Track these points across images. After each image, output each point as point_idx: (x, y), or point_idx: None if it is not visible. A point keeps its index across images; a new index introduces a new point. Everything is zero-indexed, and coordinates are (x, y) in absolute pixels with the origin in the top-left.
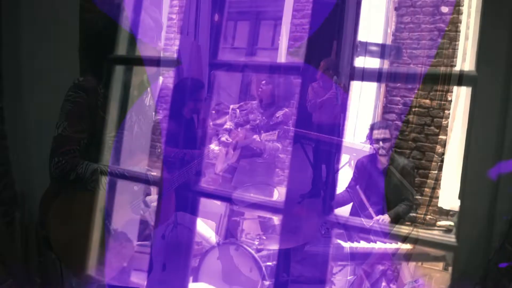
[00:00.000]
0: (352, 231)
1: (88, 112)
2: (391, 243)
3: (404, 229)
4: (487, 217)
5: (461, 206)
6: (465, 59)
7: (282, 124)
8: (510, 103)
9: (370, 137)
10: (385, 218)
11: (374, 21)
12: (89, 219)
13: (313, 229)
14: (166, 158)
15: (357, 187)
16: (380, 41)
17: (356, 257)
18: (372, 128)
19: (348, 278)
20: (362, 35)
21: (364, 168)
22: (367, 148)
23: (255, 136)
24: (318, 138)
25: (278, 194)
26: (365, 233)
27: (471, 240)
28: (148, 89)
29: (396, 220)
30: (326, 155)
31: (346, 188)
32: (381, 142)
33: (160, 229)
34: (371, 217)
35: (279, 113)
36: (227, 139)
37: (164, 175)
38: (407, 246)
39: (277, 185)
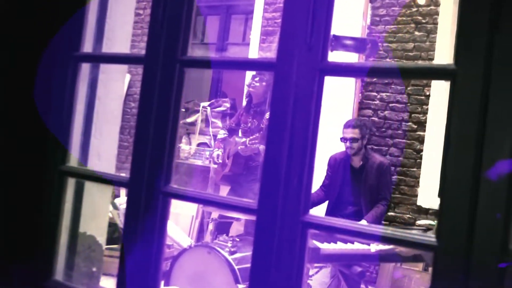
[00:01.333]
0: (328, 232)
1: None
2: (369, 243)
3: (382, 229)
4: (468, 215)
5: (440, 205)
6: (443, 52)
7: None
8: (491, 97)
9: (344, 140)
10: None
11: (348, 14)
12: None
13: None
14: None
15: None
16: (354, 34)
17: (333, 258)
18: (343, 126)
19: (325, 280)
20: (336, 29)
21: (337, 166)
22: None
23: (244, 140)
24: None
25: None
26: (342, 233)
27: (451, 240)
28: (116, 88)
29: (374, 223)
30: (301, 154)
31: (321, 186)
32: (348, 142)
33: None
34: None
35: (268, 114)
36: (218, 157)
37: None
38: (385, 247)
39: None
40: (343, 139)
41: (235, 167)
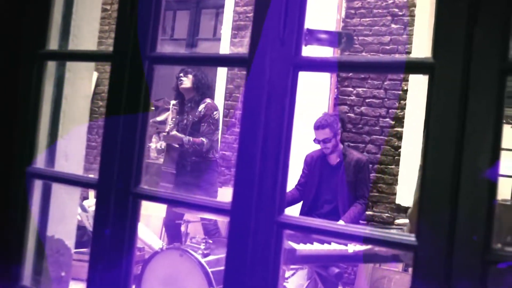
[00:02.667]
0: (304, 232)
1: None
2: (346, 244)
3: (360, 229)
4: (449, 213)
5: (420, 203)
6: (421, 45)
7: (206, 118)
8: (470, 91)
9: (317, 142)
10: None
11: (322, 7)
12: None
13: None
14: None
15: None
16: (329, 28)
17: (310, 259)
18: (314, 127)
19: (302, 282)
20: (310, 23)
21: (314, 164)
22: None
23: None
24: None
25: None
26: (319, 233)
27: (432, 239)
28: (83, 86)
29: (353, 223)
30: (275, 152)
31: (296, 185)
32: (322, 143)
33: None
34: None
35: (201, 107)
36: (161, 146)
37: None
38: (363, 247)
39: (223, 185)
40: (316, 141)
41: (167, 162)
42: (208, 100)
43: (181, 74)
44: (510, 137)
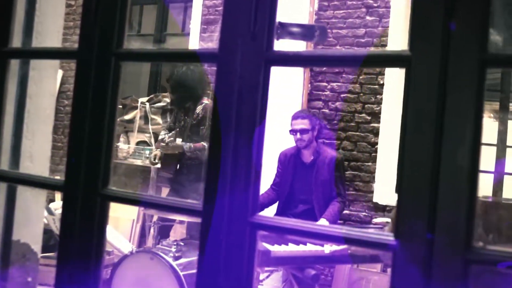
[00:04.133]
0: (279, 233)
1: None
2: (322, 244)
3: (336, 229)
4: (428, 211)
5: (398, 201)
6: (397, 37)
7: (204, 120)
8: (449, 84)
9: (293, 133)
10: (324, 223)
11: (294, 0)
12: None
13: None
14: None
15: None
16: (302, 21)
17: (285, 261)
18: (291, 118)
19: (277, 284)
20: (282, 16)
21: (287, 162)
22: None
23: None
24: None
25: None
26: (294, 234)
27: (411, 238)
28: (48, 85)
29: (334, 221)
30: (247, 150)
31: (271, 185)
32: (298, 134)
33: None
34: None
35: (199, 108)
36: (155, 157)
37: None
38: (340, 247)
39: None
40: (293, 131)
41: (166, 167)
42: (205, 101)
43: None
44: (490, 131)
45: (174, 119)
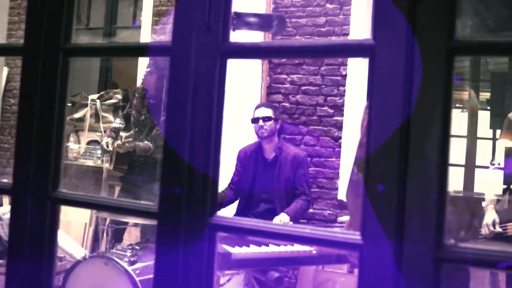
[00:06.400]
0: (239, 234)
1: None
2: (285, 245)
3: (299, 228)
4: (396, 208)
5: (364, 197)
6: (360, 26)
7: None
8: (415, 73)
9: (255, 120)
10: (283, 218)
11: None
12: None
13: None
14: None
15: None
16: (258, 10)
17: (246, 263)
18: (254, 108)
19: None
20: (238, 5)
21: (248, 159)
22: None
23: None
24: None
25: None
26: (255, 235)
27: (378, 237)
28: None
29: (296, 218)
30: (204, 148)
31: (229, 184)
32: (261, 121)
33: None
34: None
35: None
36: (107, 144)
37: None
38: (304, 248)
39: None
40: (255, 120)
41: (119, 165)
42: None
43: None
44: (460, 122)
45: (131, 104)
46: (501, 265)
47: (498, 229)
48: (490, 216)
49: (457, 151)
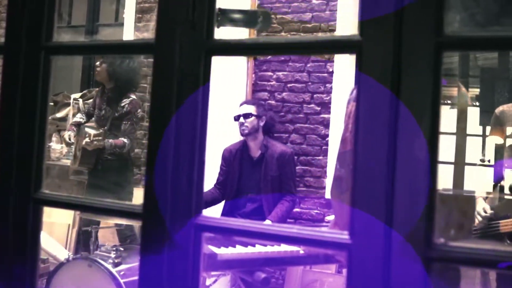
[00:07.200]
0: (225, 234)
1: None
2: (272, 245)
3: (287, 228)
4: (384, 207)
5: (352, 196)
6: (346, 21)
7: (129, 115)
8: (403, 69)
9: (237, 118)
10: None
11: None
12: None
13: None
14: None
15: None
16: (243, 7)
17: (233, 264)
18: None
19: None
20: (222, 1)
21: (233, 158)
22: None
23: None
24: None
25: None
26: (241, 235)
27: (367, 235)
28: None
29: (281, 222)
30: (189, 147)
31: (215, 184)
32: (241, 118)
33: None
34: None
35: (125, 102)
36: (69, 137)
37: None
38: (292, 248)
39: (134, 185)
40: (236, 117)
41: (85, 162)
42: (133, 96)
43: (97, 63)
44: (449, 119)
45: (94, 104)
46: (501, 265)
47: (490, 211)
48: (480, 205)
49: (446, 148)
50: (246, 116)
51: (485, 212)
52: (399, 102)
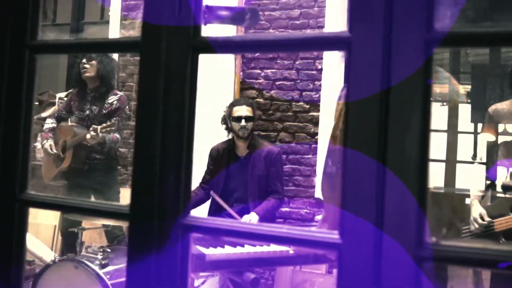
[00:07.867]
0: (213, 235)
1: None
2: (261, 245)
3: (276, 228)
4: (375, 206)
5: (342, 195)
6: (335, 18)
7: (119, 112)
8: (392, 66)
9: (229, 117)
10: (253, 218)
11: None
12: None
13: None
14: None
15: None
16: (231, 4)
17: (221, 265)
18: (232, 105)
19: None
20: None
21: (220, 157)
22: None
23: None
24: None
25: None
26: (230, 235)
27: (357, 236)
28: None
29: (266, 218)
30: (176, 146)
31: (200, 184)
32: (243, 121)
33: None
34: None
35: (113, 99)
36: (51, 147)
37: None
38: (281, 248)
39: (121, 185)
40: (237, 119)
41: (76, 161)
42: (120, 92)
43: (84, 60)
44: (440, 116)
45: (69, 107)
46: (501, 265)
47: (487, 218)
48: (476, 210)
49: (437, 146)
50: (248, 119)
51: (483, 219)
52: (389, 99)
